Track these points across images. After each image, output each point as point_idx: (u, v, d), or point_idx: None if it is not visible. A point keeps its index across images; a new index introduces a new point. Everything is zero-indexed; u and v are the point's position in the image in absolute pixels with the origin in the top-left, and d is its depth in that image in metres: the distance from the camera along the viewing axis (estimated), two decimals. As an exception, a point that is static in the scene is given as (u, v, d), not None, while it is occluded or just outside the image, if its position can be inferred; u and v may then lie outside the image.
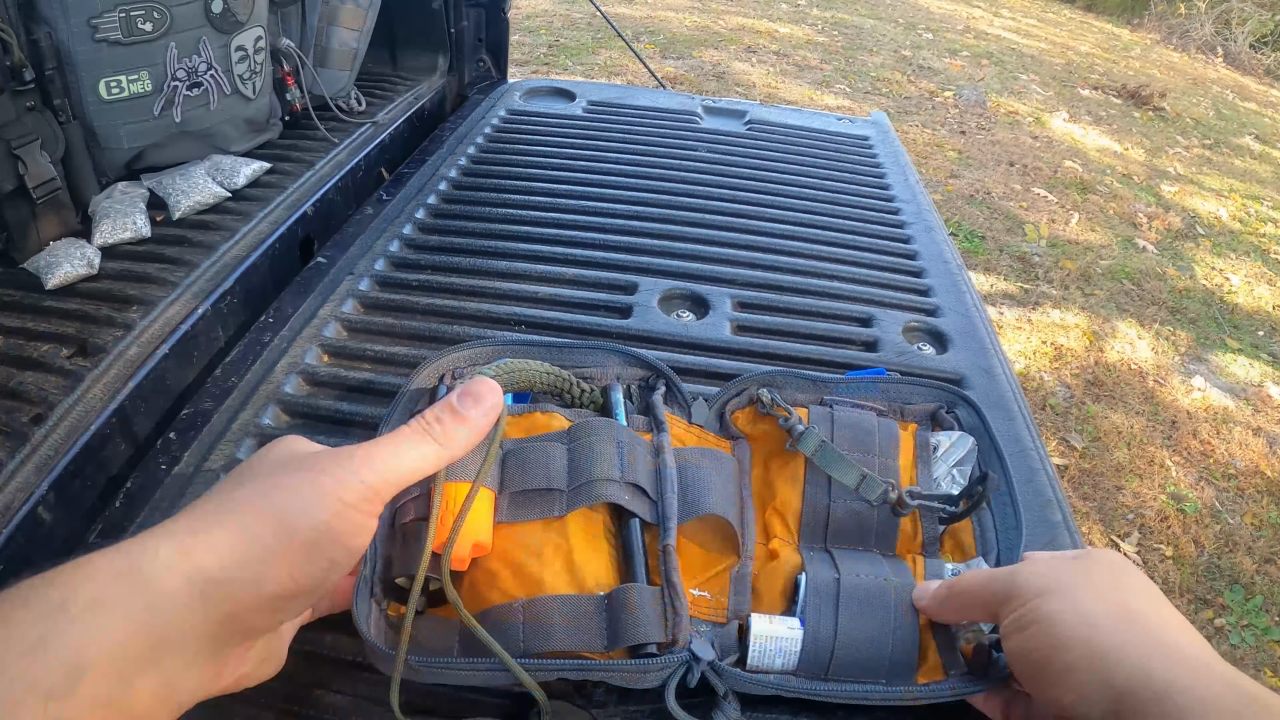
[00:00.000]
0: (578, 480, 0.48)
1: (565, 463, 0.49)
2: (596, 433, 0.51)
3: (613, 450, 0.50)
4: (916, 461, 0.56)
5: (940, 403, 0.59)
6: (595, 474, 0.48)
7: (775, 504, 0.54)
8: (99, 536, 0.57)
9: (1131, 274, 2.85)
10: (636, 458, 0.51)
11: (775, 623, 0.46)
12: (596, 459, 0.49)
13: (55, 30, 0.76)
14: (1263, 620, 1.71)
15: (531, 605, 0.44)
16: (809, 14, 5.52)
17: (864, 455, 0.54)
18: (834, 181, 1.11)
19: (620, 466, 0.49)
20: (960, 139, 3.74)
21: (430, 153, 1.11)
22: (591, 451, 0.50)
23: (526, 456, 0.49)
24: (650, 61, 3.83)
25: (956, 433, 0.57)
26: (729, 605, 0.49)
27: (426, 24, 1.30)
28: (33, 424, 0.59)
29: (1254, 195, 3.75)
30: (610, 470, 0.49)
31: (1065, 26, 6.54)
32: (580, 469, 0.49)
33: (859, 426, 0.55)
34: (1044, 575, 0.39)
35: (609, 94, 1.33)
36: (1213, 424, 2.23)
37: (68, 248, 0.76)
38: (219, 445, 0.64)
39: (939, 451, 0.56)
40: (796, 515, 0.53)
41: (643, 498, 0.50)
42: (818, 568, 0.49)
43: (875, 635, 0.45)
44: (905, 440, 0.56)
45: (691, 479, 0.51)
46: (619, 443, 0.50)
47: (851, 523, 0.52)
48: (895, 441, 0.55)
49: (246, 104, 0.96)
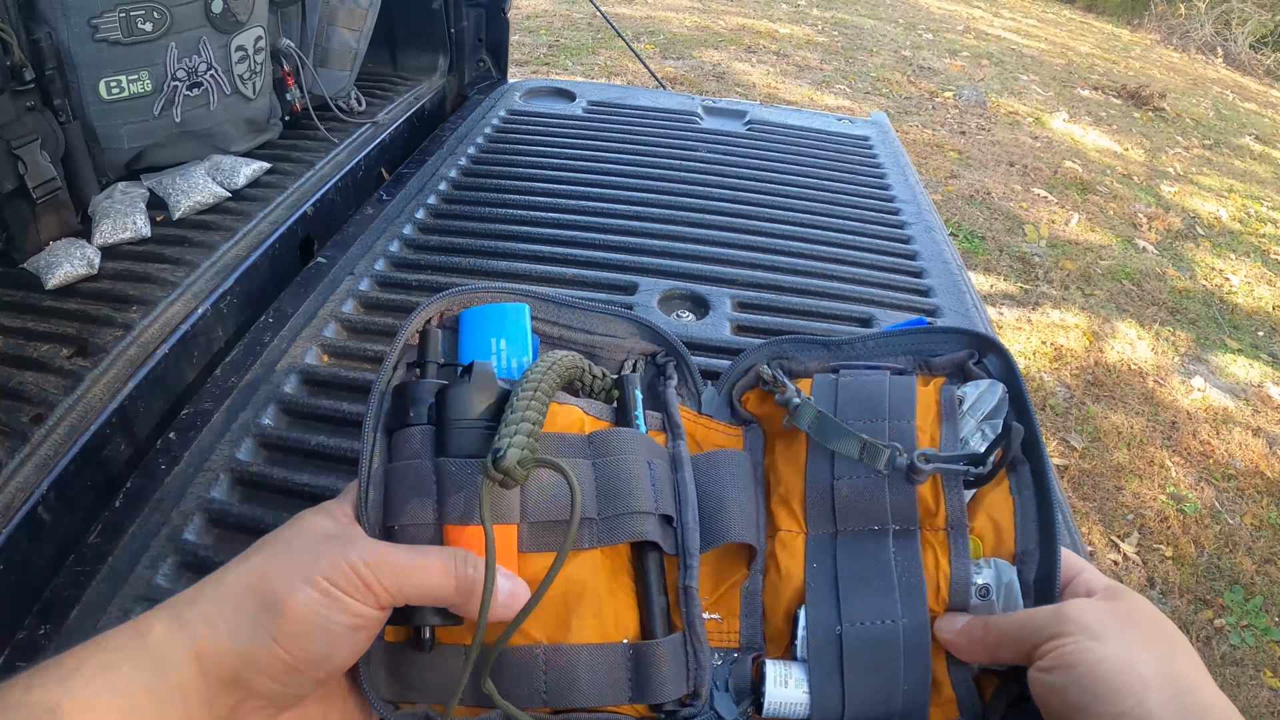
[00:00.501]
0: (610, 510, 0.44)
1: (593, 484, 0.45)
2: (626, 450, 0.46)
3: (645, 473, 0.46)
4: (941, 420, 0.49)
5: (969, 351, 0.51)
6: (631, 506, 0.44)
7: (780, 490, 0.50)
8: (99, 536, 0.57)
9: (1131, 274, 2.85)
10: (664, 480, 0.47)
11: (790, 685, 0.45)
12: (631, 486, 0.45)
13: (55, 30, 0.76)
14: (1263, 620, 1.71)
15: (556, 655, 0.42)
16: (809, 14, 5.51)
17: (872, 421, 0.48)
18: (834, 182, 1.11)
19: (654, 494, 0.46)
20: (960, 139, 3.74)
21: (430, 153, 1.11)
22: (624, 474, 0.45)
23: (548, 483, 0.43)
24: (650, 62, 3.83)
25: (985, 381, 0.49)
26: (741, 631, 0.48)
27: (426, 24, 1.30)
28: (33, 424, 0.59)
29: (1254, 195, 3.75)
30: (645, 500, 0.45)
31: (1065, 26, 6.54)
32: (612, 495, 0.45)
33: (867, 390, 0.50)
34: (1090, 617, 0.39)
35: (609, 94, 1.33)
36: (1213, 424, 2.23)
37: (68, 248, 0.76)
38: (219, 445, 0.64)
39: (965, 404, 0.49)
40: (801, 499, 0.49)
41: (668, 527, 0.47)
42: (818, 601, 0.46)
43: (884, 690, 0.43)
44: (926, 397, 0.50)
45: (711, 497, 0.48)
46: (650, 464, 0.46)
47: (861, 500, 0.47)
48: (911, 400, 0.49)
49: (246, 104, 0.96)
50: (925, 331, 0.52)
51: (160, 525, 0.58)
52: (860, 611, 0.45)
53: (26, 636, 0.51)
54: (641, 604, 0.46)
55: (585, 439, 0.47)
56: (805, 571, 0.47)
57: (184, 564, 0.56)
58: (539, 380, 0.43)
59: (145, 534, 0.57)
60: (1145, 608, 0.40)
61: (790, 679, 0.45)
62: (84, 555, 0.56)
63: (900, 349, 0.52)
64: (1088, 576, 0.44)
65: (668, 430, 0.52)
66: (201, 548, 0.57)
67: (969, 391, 0.49)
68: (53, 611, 0.53)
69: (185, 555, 0.56)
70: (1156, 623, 0.39)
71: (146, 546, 0.57)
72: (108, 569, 0.55)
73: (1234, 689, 1.56)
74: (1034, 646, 0.39)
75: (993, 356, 0.50)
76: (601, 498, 0.45)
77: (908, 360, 0.52)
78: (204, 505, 0.59)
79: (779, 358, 0.54)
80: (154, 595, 0.54)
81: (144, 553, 0.56)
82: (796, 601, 0.47)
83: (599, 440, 0.47)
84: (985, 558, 0.46)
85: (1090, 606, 0.40)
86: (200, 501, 0.59)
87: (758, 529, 0.50)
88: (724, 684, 0.47)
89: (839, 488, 0.48)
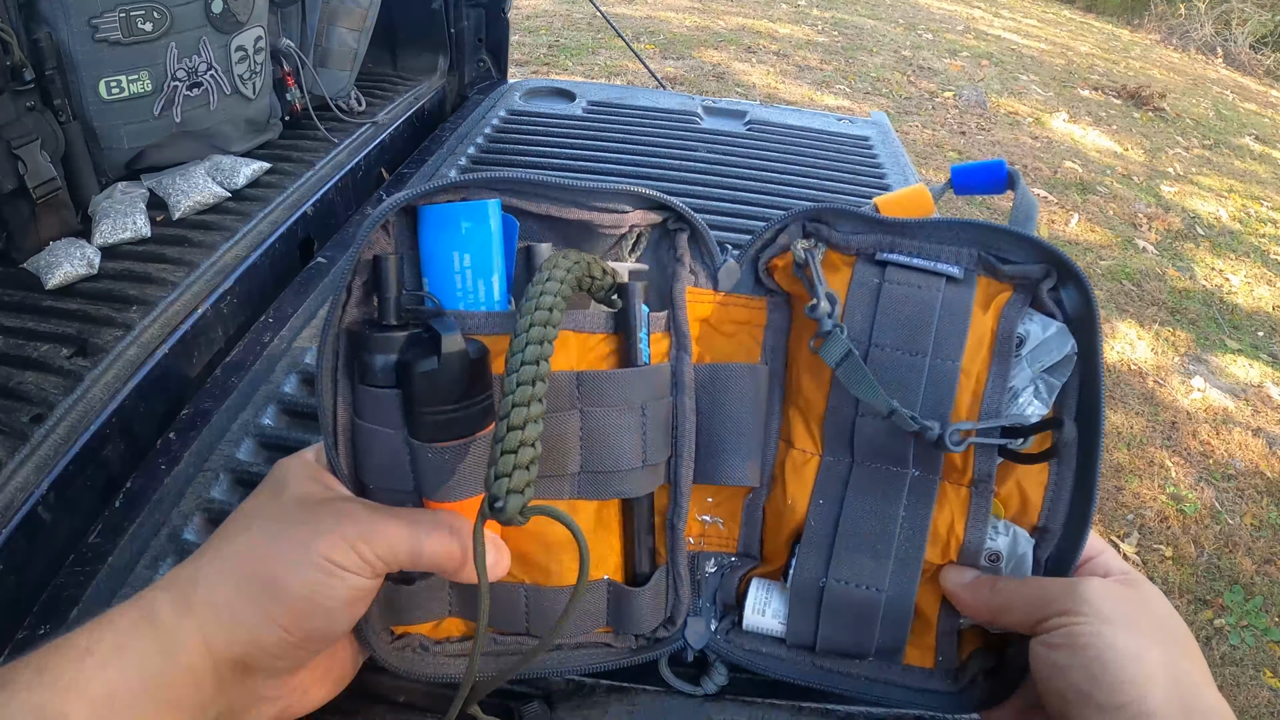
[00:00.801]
0: (595, 464, 0.42)
1: (578, 440, 0.41)
2: (619, 399, 0.42)
3: (636, 425, 0.42)
4: (992, 359, 0.42)
5: (1045, 268, 0.42)
6: (618, 463, 0.42)
7: (800, 402, 0.46)
8: (99, 536, 0.57)
9: (1131, 274, 2.85)
10: (658, 423, 0.43)
11: (767, 615, 0.46)
12: (617, 442, 0.42)
13: (55, 30, 0.76)
14: (1262, 620, 1.71)
15: (538, 596, 0.43)
16: (809, 14, 5.51)
17: (911, 354, 0.42)
18: (834, 182, 1.11)
19: (644, 447, 0.42)
20: (960, 139, 3.74)
21: (430, 153, 1.11)
22: (612, 429, 0.42)
23: None
24: (650, 62, 3.83)
25: (1055, 324, 0.42)
26: (740, 536, 0.48)
27: (426, 24, 1.30)
28: (33, 424, 0.59)
29: (1254, 195, 3.75)
30: (633, 456, 0.42)
31: (1065, 27, 6.54)
32: (598, 449, 0.42)
33: (912, 309, 0.42)
34: (1106, 602, 0.38)
35: (609, 94, 1.33)
36: (1213, 424, 2.23)
37: (68, 248, 0.76)
38: (219, 445, 0.64)
39: (1026, 347, 0.42)
40: (820, 421, 0.45)
41: (662, 468, 0.45)
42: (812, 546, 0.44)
43: (856, 642, 0.44)
44: (981, 325, 0.42)
45: (712, 430, 0.45)
46: (644, 409, 0.42)
47: (882, 439, 0.43)
48: (962, 332, 0.42)
49: (246, 104, 0.96)
50: (998, 231, 0.42)
51: (160, 525, 0.58)
52: (849, 572, 0.43)
53: (26, 636, 0.51)
54: (626, 542, 0.46)
55: (574, 382, 0.41)
56: (809, 506, 0.45)
57: (184, 564, 0.56)
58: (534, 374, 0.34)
59: (145, 534, 0.57)
60: (1160, 601, 0.40)
61: (769, 609, 0.46)
62: (84, 555, 0.56)
63: (964, 241, 0.43)
64: (1106, 558, 0.43)
65: (672, 335, 0.46)
66: (201, 548, 0.57)
67: (1033, 331, 0.42)
68: (53, 611, 0.53)
69: (185, 555, 0.56)
70: (1170, 619, 0.39)
71: (146, 546, 0.57)
72: (108, 569, 0.55)
73: (1234, 689, 1.56)
74: (1042, 618, 0.39)
75: (1072, 289, 0.41)
76: (586, 450, 0.42)
77: (970, 256, 0.42)
78: (204, 505, 0.59)
79: (817, 222, 0.45)
80: (154, 595, 0.54)
81: (144, 553, 0.56)
82: (796, 533, 0.46)
83: (589, 386, 0.42)
84: (1005, 521, 0.43)
85: (1107, 589, 0.39)
86: (200, 501, 0.60)
87: (761, 462, 0.46)
88: (712, 594, 0.48)
89: (862, 425, 0.43)
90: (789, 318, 0.47)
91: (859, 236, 0.44)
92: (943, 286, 0.42)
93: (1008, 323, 0.42)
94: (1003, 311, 0.42)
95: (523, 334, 0.35)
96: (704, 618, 0.48)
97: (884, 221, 0.43)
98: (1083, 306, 0.41)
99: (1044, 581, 0.41)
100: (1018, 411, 0.42)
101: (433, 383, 0.37)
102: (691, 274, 0.47)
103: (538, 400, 0.34)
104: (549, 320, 0.36)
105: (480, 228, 0.40)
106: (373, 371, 0.38)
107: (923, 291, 0.42)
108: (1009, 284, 0.43)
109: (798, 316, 0.47)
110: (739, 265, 0.47)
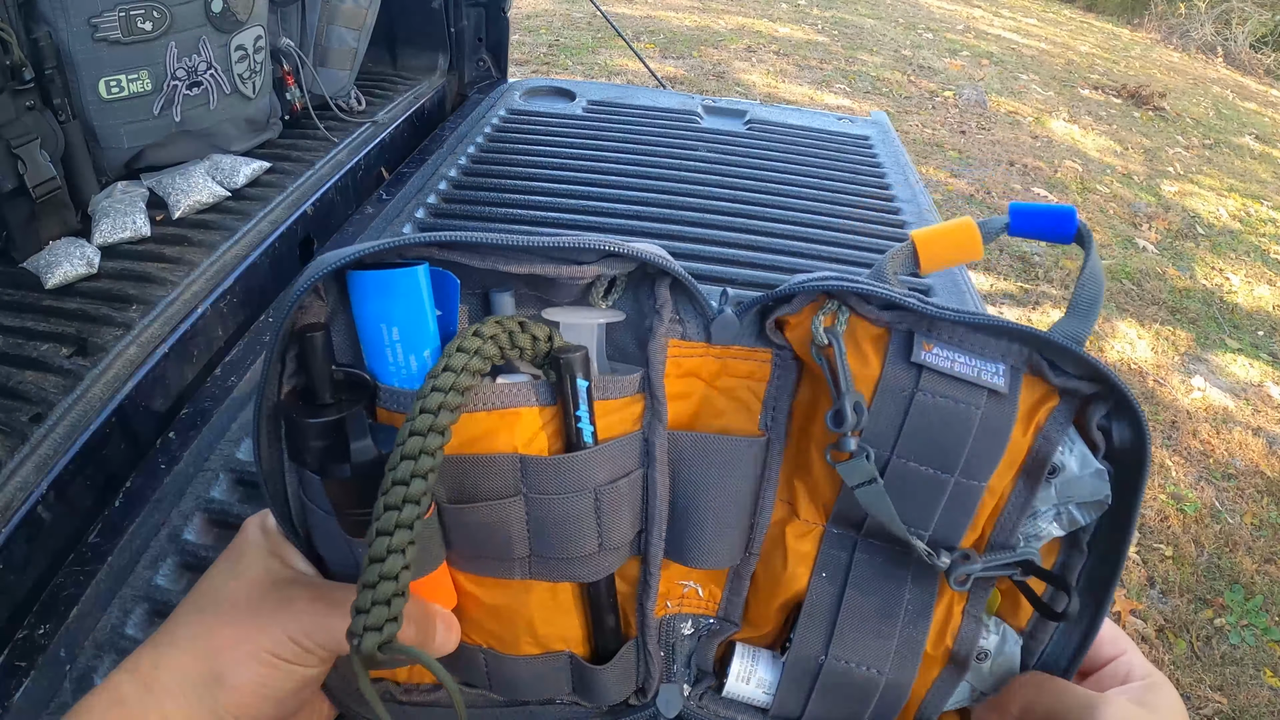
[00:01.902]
0: (544, 550, 0.38)
1: (524, 526, 0.38)
2: (568, 486, 0.37)
3: (588, 510, 0.38)
4: (1019, 477, 0.38)
5: (1101, 390, 0.36)
6: (569, 551, 0.38)
7: (807, 479, 0.42)
8: (99, 536, 0.57)
9: (1131, 274, 2.85)
10: (621, 502, 0.39)
11: (752, 684, 0.44)
12: (566, 531, 0.38)
13: (55, 30, 0.76)
14: (1263, 620, 1.71)
15: (497, 662, 0.42)
16: (809, 14, 5.51)
17: (937, 471, 0.37)
18: (834, 181, 1.11)
19: (599, 531, 0.39)
20: (960, 139, 3.74)
21: (430, 152, 1.11)
22: (561, 517, 0.38)
23: (471, 524, 0.37)
24: (650, 61, 3.82)
25: (1095, 465, 0.38)
26: (721, 599, 0.45)
27: (426, 24, 1.30)
28: (32, 423, 0.59)
29: (1254, 195, 3.75)
30: (587, 543, 0.39)
31: (1065, 26, 6.54)
32: (547, 538, 0.38)
33: (947, 426, 0.37)
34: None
35: (609, 94, 1.33)
36: (1213, 424, 2.23)
37: (67, 247, 0.76)
38: (219, 445, 0.64)
39: (1059, 475, 0.38)
40: (827, 508, 0.42)
41: (625, 548, 0.41)
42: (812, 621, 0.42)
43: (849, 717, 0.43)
44: (1018, 444, 0.38)
45: (688, 508, 0.41)
46: (598, 494, 0.38)
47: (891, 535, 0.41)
48: (998, 454, 0.37)
49: (246, 103, 0.96)
50: (1050, 342, 0.36)
51: (160, 525, 0.58)
52: (851, 651, 0.41)
53: (26, 636, 0.51)
54: (587, 618, 0.43)
55: (517, 466, 0.37)
56: (811, 579, 0.42)
57: (184, 564, 0.56)
58: (403, 495, 0.31)
59: (145, 534, 0.57)
60: (1179, 712, 0.38)
61: (754, 677, 0.44)
62: (84, 555, 0.56)
63: (1007, 345, 0.37)
64: (1130, 658, 0.40)
65: (646, 399, 0.40)
66: (201, 548, 0.57)
67: (1069, 464, 0.38)
68: (53, 611, 0.53)
69: (185, 555, 0.56)
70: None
71: (146, 546, 0.57)
72: (108, 569, 0.55)
73: (1234, 688, 1.56)
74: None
75: (1125, 425, 0.37)
76: (534, 536, 0.38)
77: (1019, 354, 0.37)
78: (204, 505, 0.59)
79: (843, 300, 0.38)
80: (154, 595, 0.54)
81: (144, 553, 0.56)
82: (793, 603, 0.44)
83: (533, 472, 0.37)
84: (996, 618, 0.42)
85: (1131, 712, 0.37)
86: (200, 501, 0.59)
87: (753, 530, 0.43)
88: (687, 658, 0.46)
89: (871, 522, 0.41)
90: (797, 380, 0.42)
91: (891, 313, 0.38)
92: (984, 402, 0.37)
93: (1046, 445, 0.37)
94: (1043, 430, 0.37)
95: (398, 446, 0.32)
96: (677, 683, 0.46)
97: (921, 308, 0.36)
98: (1134, 445, 0.36)
99: (1066, 693, 0.39)
100: (1034, 532, 0.39)
101: (345, 489, 0.35)
102: (678, 324, 0.41)
103: (405, 528, 0.31)
104: (434, 426, 0.32)
105: (408, 299, 0.35)
106: (301, 455, 0.36)
107: (961, 407, 0.37)
108: (1055, 393, 0.37)
109: (808, 379, 0.42)
110: (737, 319, 0.41)
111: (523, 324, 0.36)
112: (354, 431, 0.34)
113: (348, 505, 0.35)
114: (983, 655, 0.42)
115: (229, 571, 0.39)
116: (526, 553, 0.38)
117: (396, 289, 0.35)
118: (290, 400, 0.36)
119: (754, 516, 0.43)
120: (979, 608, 0.41)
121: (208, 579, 0.40)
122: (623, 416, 0.40)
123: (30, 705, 0.48)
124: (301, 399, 0.36)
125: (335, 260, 0.34)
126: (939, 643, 0.42)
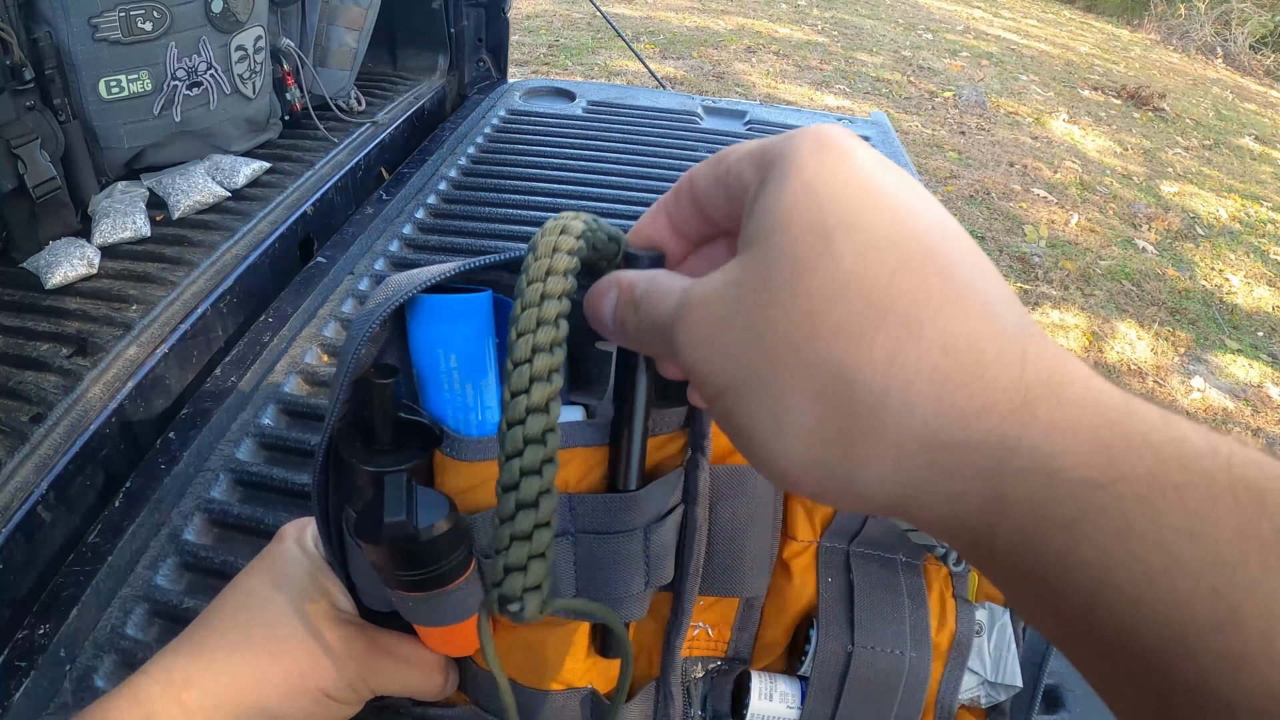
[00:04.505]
0: (587, 591, 0.38)
1: (571, 566, 0.37)
2: (618, 525, 0.37)
3: (637, 548, 0.37)
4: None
5: None
6: (613, 592, 0.38)
7: (806, 501, 0.45)
8: (99, 536, 0.57)
9: (1131, 274, 2.85)
10: (665, 542, 0.38)
11: (775, 699, 0.44)
12: (616, 572, 0.37)
13: (55, 30, 0.76)
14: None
15: (520, 694, 0.42)
16: (809, 14, 5.51)
17: None
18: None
19: (646, 570, 0.38)
20: (960, 139, 3.74)
21: (430, 153, 1.11)
22: (607, 558, 0.37)
23: None
24: (650, 61, 3.83)
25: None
26: (730, 639, 0.46)
27: (426, 24, 1.30)
28: (32, 423, 0.59)
29: (1254, 195, 3.75)
30: (633, 584, 0.38)
31: (1065, 27, 6.54)
32: (593, 578, 0.38)
33: None
34: None
35: (609, 94, 1.33)
36: (1212, 424, 2.23)
37: (67, 247, 0.76)
38: (219, 445, 0.64)
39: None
40: (825, 522, 0.44)
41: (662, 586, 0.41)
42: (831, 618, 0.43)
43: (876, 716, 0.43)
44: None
45: (726, 540, 0.41)
46: (645, 531, 0.37)
47: (886, 538, 0.45)
48: None
49: (246, 104, 0.96)
50: None
51: (160, 525, 0.58)
52: (874, 637, 0.43)
53: (26, 636, 0.51)
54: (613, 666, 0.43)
55: (567, 505, 0.36)
56: (819, 585, 0.44)
57: (184, 564, 0.56)
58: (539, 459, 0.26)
59: (145, 534, 0.57)
60: None
61: (776, 692, 0.44)
62: (84, 555, 0.56)
63: None
64: None
65: (690, 435, 0.39)
66: (201, 548, 0.57)
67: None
68: (53, 611, 0.53)
69: (185, 555, 0.56)
70: None
71: (146, 546, 0.57)
72: (108, 569, 0.55)
73: (1234, 689, 1.56)
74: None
75: None
76: (581, 576, 0.37)
77: None
78: (204, 505, 0.59)
79: None
80: (154, 595, 0.54)
81: (144, 553, 0.56)
82: (804, 614, 0.45)
83: (584, 511, 0.36)
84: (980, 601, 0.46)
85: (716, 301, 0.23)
86: (200, 501, 0.59)
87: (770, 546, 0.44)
88: (703, 699, 0.46)
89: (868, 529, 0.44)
90: None
91: None
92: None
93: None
94: None
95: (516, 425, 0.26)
96: None
97: None
98: None
99: (664, 292, 0.26)
100: None
101: (378, 553, 0.33)
102: None
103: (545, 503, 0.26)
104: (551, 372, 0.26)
105: (470, 326, 0.33)
106: (354, 499, 0.35)
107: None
108: None
109: None
110: None
111: (588, 228, 0.29)
112: (389, 502, 0.31)
113: (392, 568, 0.33)
114: (979, 629, 0.45)
115: (273, 594, 0.38)
116: (573, 593, 0.38)
117: (461, 315, 0.33)
118: (345, 435, 0.34)
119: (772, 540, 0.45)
120: (963, 589, 0.45)
121: (251, 598, 0.39)
122: (666, 453, 0.40)
123: (30, 705, 0.48)
124: (360, 434, 0.34)
125: (425, 279, 0.32)
126: (941, 626, 0.44)
